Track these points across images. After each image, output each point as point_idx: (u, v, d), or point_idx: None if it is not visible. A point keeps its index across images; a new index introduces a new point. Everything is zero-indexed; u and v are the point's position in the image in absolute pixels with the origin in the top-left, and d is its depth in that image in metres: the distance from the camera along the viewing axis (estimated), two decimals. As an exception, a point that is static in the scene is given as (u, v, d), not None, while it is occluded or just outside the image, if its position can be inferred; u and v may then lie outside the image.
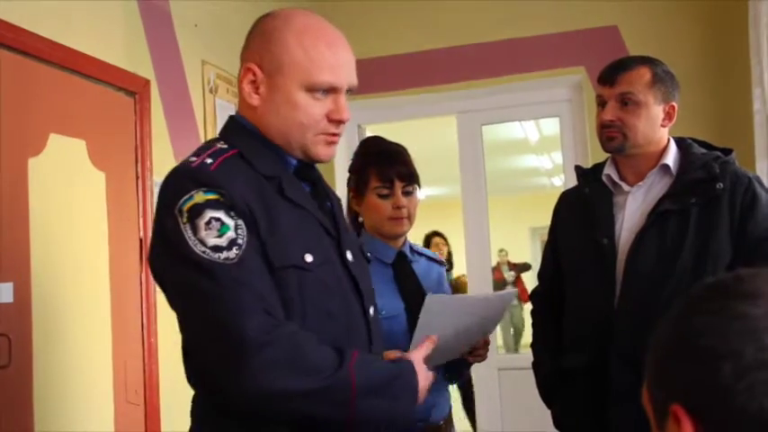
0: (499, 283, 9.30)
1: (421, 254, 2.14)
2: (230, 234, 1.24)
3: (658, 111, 1.95)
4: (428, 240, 6.45)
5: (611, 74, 1.96)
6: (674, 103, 1.97)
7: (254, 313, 1.19)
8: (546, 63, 4.11)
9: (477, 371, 4.29)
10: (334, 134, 1.40)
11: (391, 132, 5.93)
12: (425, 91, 4.32)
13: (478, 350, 1.94)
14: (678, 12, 3.91)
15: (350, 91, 1.41)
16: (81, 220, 2.44)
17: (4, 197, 2.12)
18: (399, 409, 1.31)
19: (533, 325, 2.22)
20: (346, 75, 1.39)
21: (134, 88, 2.72)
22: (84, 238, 2.44)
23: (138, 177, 2.69)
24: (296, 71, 1.35)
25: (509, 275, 10.18)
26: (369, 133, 4.66)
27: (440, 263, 2.19)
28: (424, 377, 1.38)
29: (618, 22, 4.00)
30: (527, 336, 9.36)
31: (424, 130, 7.34)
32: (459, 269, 6.33)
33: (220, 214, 1.24)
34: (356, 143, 4.55)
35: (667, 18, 3.92)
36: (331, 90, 1.37)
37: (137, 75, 2.75)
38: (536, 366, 2.15)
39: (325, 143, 1.39)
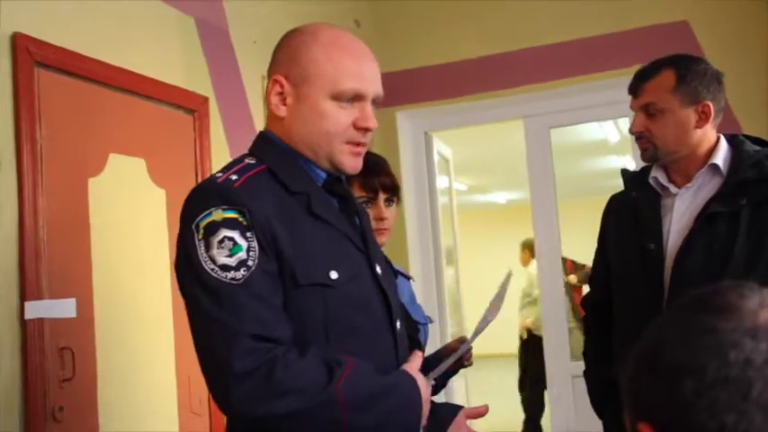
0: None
1: (394, 270, 2.10)
2: (241, 255, 1.26)
3: (687, 113, 1.87)
4: None
5: (635, 84, 1.94)
6: (708, 102, 1.87)
7: (243, 341, 1.22)
8: (613, 62, 4.00)
9: (551, 378, 4.23)
10: (360, 143, 1.41)
11: (463, 138, 5.92)
12: (491, 96, 4.27)
13: (466, 354, 1.88)
14: (753, 3, 3.74)
15: (375, 102, 1.42)
16: (142, 236, 2.52)
17: (66, 216, 2.22)
18: (400, 423, 1.30)
19: (584, 332, 2.16)
20: (372, 84, 1.41)
21: (193, 106, 2.80)
22: (146, 254, 2.52)
23: (198, 193, 2.76)
24: (322, 81, 1.37)
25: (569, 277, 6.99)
26: (436, 140, 4.65)
27: (408, 277, 2.13)
28: (425, 387, 1.36)
29: (688, 17, 3.86)
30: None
31: (497, 134, 7.27)
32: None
33: (235, 234, 1.27)
34: (423, 151, 4.56)
35: (741, 10, 3.75)
36: (357, 98, 1.39)
37: (195, 93, 2.82)
38: (587, 375, 2.10)
39: (351, 153, 1.40)
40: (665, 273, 1.85)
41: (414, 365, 1.40)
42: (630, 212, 1.98)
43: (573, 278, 6.23)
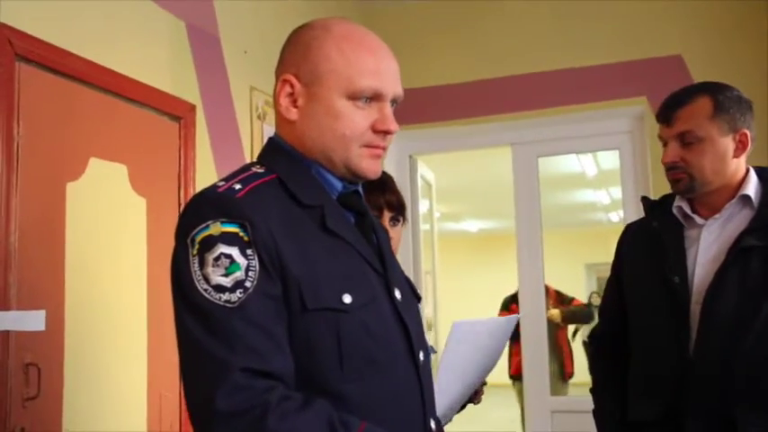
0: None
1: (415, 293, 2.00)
2: (238, 275, 1.11)
3: (726, 142, 1.78)
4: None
5: (668, 111, 1.82)
6: (745, 130, 1.80)
7: (232, 375, 1.06)
8: (606, 93, 3.96)
9: (529, 413, 4.12)
10: (380, 146, 1.27)
11: (444, 163, 5.83)
12: (480, 121, 4.20)
13: (479, 390, 1.84)
14: (745, 38, 3.72)
15: (395, 102, 1.29)
16: (119, 246, 2.37)
17: (41, 222, 2.06)
18: None
19: (593, 369, 2.05)
20: (391, 82, 1.27)
21: (179, 113, 2.66)
22: (123, 266, 2.37)
23: (180, 204, 2.62)
24: (337, 78, 1.23)
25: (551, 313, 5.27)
26: (421, 164, 4.56)
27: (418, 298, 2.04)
28: None
29: (682, 51, 3.84)
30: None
31: (478, 162, 7.23)
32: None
33: (233, 251, 1.12)
34: (407, 175, 4.46)
35: (734, 45, 3.74)
36: (375, 97, 1.25)
37: (182, 100, 2.69)
38: (598, 415, 1.97)
39: (370, 156, 1.26)
40: (691, 309, 1.76)
41: None
42: (650, 242, 1.88)
43: (555, 314, 5.39)
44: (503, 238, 10.52)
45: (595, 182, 8.68)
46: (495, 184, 7.68)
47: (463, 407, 1.83)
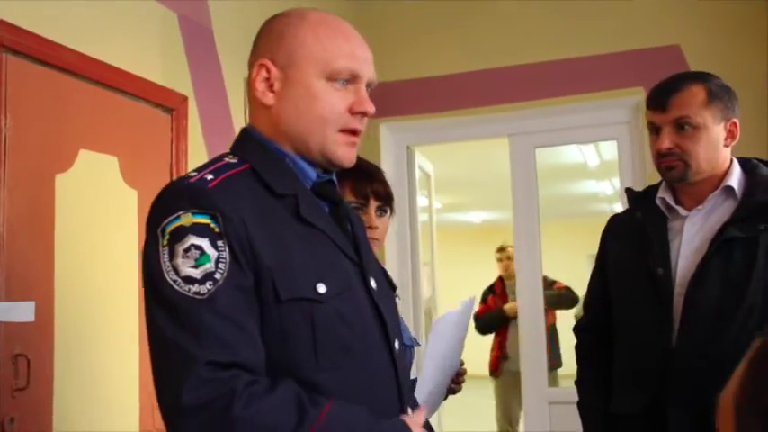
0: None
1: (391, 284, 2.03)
2: (208, 266, 1.11)
3: (719, 130, 1.78)
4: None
5: (662, 97, 1.81)
6: (734, 120, 1.80)
7: (198, 368, 1.06)
8: (603, 84, 3.94)
9: (527, 405, 4.11)
10: (355, 132, 1.28)
11: (443, 154, 5.82)
12: (477, 112, 4.19)
13: (460, 376, 1.89)
14: (743, 29, 3.70)
15: (369, 87, 1.31)
16: (110, 238, 2.37)
17: (29, 213, 2.07)
18: None
19: (578, 361, 2.05)
20: (366, 65, 1.29)
21: (171, 105, 2.66)
22: (114, 258, 2.38)
23: (172, 196, 2.62)
24: (313, 61, 1.25)
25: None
26: (418, 155, 4.55)
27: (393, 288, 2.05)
28: None
29: (680, 41, 3.81)
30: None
31: (478, 153, 7.21)
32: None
33: (203, 242, 1.12)
34: (405, 165, 4.45)
35: (732, 36, 3.72)
36: (352, 79, 1.27)
37: (174, 91, 2.69)
38: (582, 407, 1.98)
39: (345, 144, 1.27)
40: (674, 300, 1.75)
41: (417, 420, 1.26)
42: (634, 234, 1.88)
43: None
44: (506, 228, 10.51)
45: (598, 172, 8.66)
46: (495, 175, 7.65)
47: (445, 397, 1.85)
